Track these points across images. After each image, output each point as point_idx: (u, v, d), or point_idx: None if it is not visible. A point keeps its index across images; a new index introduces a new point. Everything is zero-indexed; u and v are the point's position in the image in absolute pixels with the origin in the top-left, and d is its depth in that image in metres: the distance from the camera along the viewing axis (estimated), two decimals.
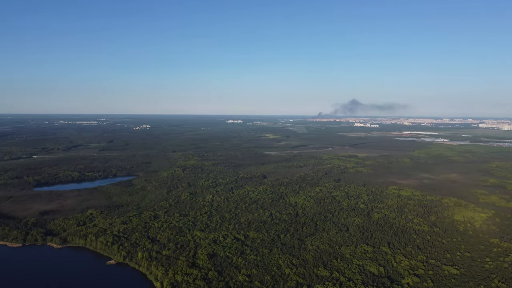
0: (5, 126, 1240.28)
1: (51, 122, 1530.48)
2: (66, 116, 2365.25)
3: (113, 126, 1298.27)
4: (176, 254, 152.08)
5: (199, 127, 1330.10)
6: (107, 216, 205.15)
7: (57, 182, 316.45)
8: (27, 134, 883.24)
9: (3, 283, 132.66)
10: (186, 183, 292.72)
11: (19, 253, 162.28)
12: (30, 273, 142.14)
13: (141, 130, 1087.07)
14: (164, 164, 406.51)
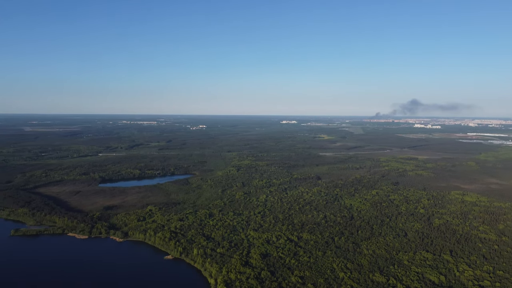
0: (75, 125, 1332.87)
1: (115, 122, 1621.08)
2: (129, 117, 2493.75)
3: (171, 126, 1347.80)
4: (230, 252, 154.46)
5: (254, 127, 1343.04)
6: (165, 213, 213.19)
7: (120, 179, 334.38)
8: (93, 133, 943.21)
9: (73, 273, 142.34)
10: (241, 183, 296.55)
11: (85, 245, 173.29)
12: (95, 264, 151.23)
13: (198, 130, 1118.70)
14: (220, 163, 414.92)
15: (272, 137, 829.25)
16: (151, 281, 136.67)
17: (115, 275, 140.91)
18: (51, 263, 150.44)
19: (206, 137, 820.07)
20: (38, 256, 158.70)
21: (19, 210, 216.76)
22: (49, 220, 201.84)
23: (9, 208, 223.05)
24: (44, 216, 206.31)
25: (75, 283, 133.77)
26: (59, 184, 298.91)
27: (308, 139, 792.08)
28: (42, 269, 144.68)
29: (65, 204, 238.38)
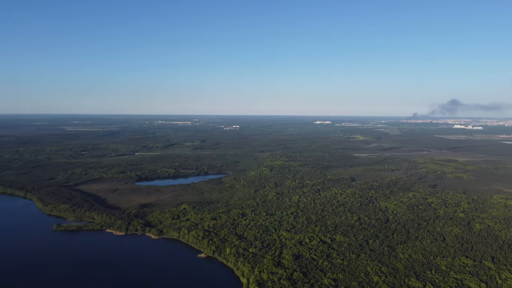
0: (113, 125, 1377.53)
1: (151, 122, 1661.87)
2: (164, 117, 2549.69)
3: (205, 127, 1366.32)
4: (262, 252, 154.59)
5: (287, 127, 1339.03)
6: (198, 212, 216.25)
7: (155, 177, 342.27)
8: (131, 133, 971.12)
9: (110, 268, 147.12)
10: (273, 183, 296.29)
11: (122, 241, 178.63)
12: (132, 260, 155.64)
13: (231, 131, 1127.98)
14: (252, 163, 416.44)
15: (306, 138, 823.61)
16: (185, 278, 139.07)
17: (150, 271, 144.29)
18: (90, 258, 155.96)
19: (240, 137, 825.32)
20: (78, 250, 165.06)
21: (61, 206, 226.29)
22: (89, 216, 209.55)
23: (52, 204, 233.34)
24: (84, 212, 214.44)
25: (112, 277, 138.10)
26: (98, 182, 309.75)
27: (342, 140, 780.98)
28: (82, 263, 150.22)
29: (104, 201, 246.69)
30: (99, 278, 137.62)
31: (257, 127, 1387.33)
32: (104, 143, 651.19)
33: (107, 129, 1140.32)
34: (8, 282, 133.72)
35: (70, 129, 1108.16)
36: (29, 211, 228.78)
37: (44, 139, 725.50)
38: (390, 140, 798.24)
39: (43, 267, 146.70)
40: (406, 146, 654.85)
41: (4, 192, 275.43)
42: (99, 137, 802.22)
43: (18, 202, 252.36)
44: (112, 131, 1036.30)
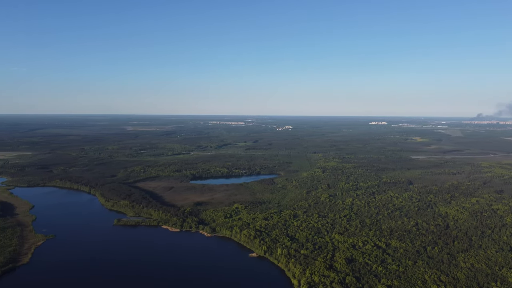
0: (170, 125, 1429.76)
1: (206, 123, 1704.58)
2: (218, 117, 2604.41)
3: (258, 127, 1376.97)
4: (314, 254, 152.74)
5: (341, 128, 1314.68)
6: (250, 211, 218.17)
7: (209, 176, 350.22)
8: (186, 133, 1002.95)
9: (165, 263, 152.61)
10: (326, 185, 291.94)
11: (177, 237, 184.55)
12: (186, 256, 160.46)
13: (284, 131, 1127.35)
14: (305, 164, 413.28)
15: (360, 139, 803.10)
16: (237, 277, 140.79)
17: (203, 268, 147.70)
18: (148, 253, 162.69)
19: (292, 138, 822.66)
20: (137, 245, 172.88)
21: (121, 202, 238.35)
22: (146, 213, 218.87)
23: (113, 199, 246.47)
24: (142, 208, 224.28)
25: (167, 272, 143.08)
26: (155, 180, 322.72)
27: (399, 141, 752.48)
28: (140, 258, 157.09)
29: (160, 198, 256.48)
30: (156, 272, 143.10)
31: (310, 127, 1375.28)
32: (161, 143, 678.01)
33: (164, 129, 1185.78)
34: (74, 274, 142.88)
35: (130, 129, 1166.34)
36: (93, 206, 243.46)
37: (107, 138, 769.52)
38: (451, 142, 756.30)
39: (105, 260, 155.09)
40: (469, 148, 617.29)
41: (71, 187, 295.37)
42: (157, 137, 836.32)
43: (84, 197, 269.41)
44: (168, 131, 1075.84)
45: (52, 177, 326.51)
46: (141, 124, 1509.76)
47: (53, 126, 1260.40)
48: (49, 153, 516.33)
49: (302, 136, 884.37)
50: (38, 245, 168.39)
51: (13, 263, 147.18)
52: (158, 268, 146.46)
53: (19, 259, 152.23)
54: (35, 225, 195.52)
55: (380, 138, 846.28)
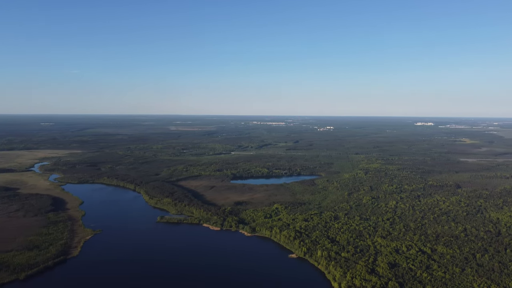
0: (211, 125, 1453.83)
1: (247, 123, 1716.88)
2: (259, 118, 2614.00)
3: (299, 127, 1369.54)
4: (355, 257, 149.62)
5: (384, 129, 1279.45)
6: (290, 212, 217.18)
7: (249, 176, 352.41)
8: (227, 133, 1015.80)
9: (206, 260, 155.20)
10: (368, 187, 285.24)
11: (218, 236, 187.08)
12: (226, 255, 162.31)
13: (325, 132, 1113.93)
14: (346, 165, 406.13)
15: (405, 140, 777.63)
16: (276, 277, 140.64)
17: (243, 268, 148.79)
18: (189, 250, 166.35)
19: (333, 139, 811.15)
20: (179, 242, 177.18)
21: (164, 200, 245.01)
22: (188, 211, 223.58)
23: (156, 197, 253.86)
24: (184, 206, 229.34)
25: (207, 270, 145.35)
26: (197, 179, 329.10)
27: (446, 143, 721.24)
28: (182, 255, 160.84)
29: (202, 197, 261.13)
30: (197, 270, 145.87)
31: (352, 128, 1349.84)
32: (203, 142, 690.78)
33: (206, 129, 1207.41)
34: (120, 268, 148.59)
35: (173, 129, 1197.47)
36: (137, 203, 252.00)
37: (151, 138, 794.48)
38: (504, 144, 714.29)
39: (148, 255, 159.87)
40: None
41: (118, 185, 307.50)
42: (199, 137, 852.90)
43: (129, 194, 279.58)
44: (210, 131, 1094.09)
45: (100, 175, 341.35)
46: (184, 124, 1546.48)
47: (102, 126, 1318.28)
48: (98, 151, 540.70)
49: (344, 137, 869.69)
50: (87, 239, 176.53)
51: (64, 255, 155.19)
52: (199, 266, 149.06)
53: (69, 251, 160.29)
54: (84, 220, 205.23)
55: (426, 139, 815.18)
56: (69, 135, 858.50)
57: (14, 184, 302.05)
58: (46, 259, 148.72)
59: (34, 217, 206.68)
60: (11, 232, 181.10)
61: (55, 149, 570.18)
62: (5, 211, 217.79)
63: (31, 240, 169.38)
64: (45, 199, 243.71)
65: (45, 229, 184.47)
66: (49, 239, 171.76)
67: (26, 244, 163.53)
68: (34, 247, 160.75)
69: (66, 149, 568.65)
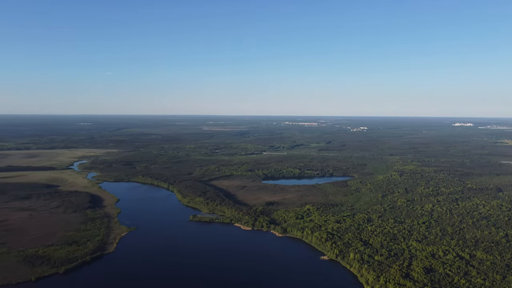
0: (243, 126, 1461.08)
1: (278, 123, 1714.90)
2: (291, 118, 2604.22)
3: (331, 128, 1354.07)
4: (389, 261, 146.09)
5: (420, 130, 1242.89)
6: (322, 213, 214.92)
7: (281, 177, 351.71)
8: (259, 133, 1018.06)
9: (237, 260, 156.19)
10: (403, 189, 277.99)
11: (249, 235, 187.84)
12: (257, 255, 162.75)
13: (359, 132, 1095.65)
14: (380, 167, 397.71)
15: (442, 141, 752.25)
16: (308, 279, 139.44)
17: (275, 268, 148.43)
18: (221, 249, 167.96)
19: (367, 139, 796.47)
20: (211, 241, 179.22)
21: (196, 199, 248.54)
22: (220, 210, 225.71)
23: (189, 196, 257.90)
24: (216, 206, 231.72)
25: (238, 270, 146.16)
26: (229, 178, 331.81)
27: (487, 145, 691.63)
28: (213, 253, 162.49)
29: (233, 197, 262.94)
30: (228, 269, 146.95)
31: (386, 128, 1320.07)
32: (235, 142, 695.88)
33: (238, 129, 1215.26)
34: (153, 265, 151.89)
35: (206, 129, 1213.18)
36: (171, 201, 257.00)
37: (184, 138, 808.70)
38: None
39: (181, 253, 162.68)
40: None
41: (152, 183, 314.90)
42: (231, 137, 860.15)
43: (162, 192, 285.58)
44: (242, 131, 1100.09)
45: (135, 173, 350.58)
46: (216, 125, 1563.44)
47: (137, 126, 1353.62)
48: (133, 151, 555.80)
49: (378, 138, 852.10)
50: (122, 235, 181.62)
51: (101, 251, 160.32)
52: (230, 266, 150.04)
53: (105, 247, 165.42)
54: (120, 217, 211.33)
55: (465, 140, 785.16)
56: (106, 135, 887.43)
57: (55, 181, 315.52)
58: (84, 254, 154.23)
59: (73, 213, 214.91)
60: (52, 227, 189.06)
61: (93, 148, 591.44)
62: (47, 207, 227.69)
63: (70, 235, 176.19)
64: (83, 196, 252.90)
65: (83, 225, 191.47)
66: (87, 235, 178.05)
67: (65, 239, 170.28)
68: (73, 242, 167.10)
69: (103, 148, 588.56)
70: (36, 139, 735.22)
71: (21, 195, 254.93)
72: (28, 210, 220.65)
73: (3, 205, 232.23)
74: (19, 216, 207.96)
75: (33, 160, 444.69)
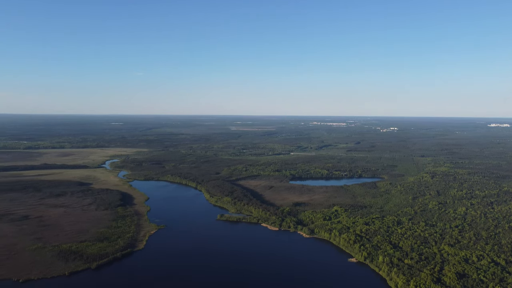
0: (271, 126, 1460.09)
1: (306, 123, 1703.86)
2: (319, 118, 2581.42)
3: (360, 128, 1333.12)
4: (419, 265, 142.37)
5: (453, 130, 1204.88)
6: (350, 215, 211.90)
7: (308, 177, 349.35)
8: (287, 133, 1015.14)
9: (264, 260, 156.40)
10: (435, 191, 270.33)
11: (276, 236, 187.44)
12: (285, 255, 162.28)
13: (389, 133, 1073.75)
14: (411, 168, 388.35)
15: (476, 142, 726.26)
16: (336, 281, 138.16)
17: (302, 269, 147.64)
18: (248, 249, 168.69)
19: (397, 140, 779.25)
20: (239, 240, 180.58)
21: (224, 199, 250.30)
22: (247, 210, 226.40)
23: (217, 196, 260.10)
24: (243, 205, 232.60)
25: (266, 270, 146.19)
26: (256, 178, 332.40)
27: None
28: (240, 253, 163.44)
29: (260, 197, 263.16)
30: (255, 269, 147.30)
31: (417, 129, 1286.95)
32: (263, 143, 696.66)
33: (265, 129, 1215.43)
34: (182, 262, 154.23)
35: (234, 129, 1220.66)
36: (198, 201, 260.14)
37: (212, 138, 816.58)
38: None
39: (208, 252, 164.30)
40: None
41: (180, 182, 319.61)
42: (258, 137, 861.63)
43: (191, 191, 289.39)
44: (270, 131, 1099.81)
45: (164, 172, 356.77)
46: (244, 125, 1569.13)
47: (166, 126, 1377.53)
48: (162, 150, 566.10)
49: (408, 138, 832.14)
50: (151, 233, 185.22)
51: (131, 247, 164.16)
52: (257, 265, 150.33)
53: (135, 244, 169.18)
54: (149, 215, 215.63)
55: (501, 142, 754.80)
56: (137, 134, 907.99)
57: (87, 179, 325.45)
58: (115, 251, 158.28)
59: (104, 210, 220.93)
60: (84, 224, 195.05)
61: (124, 148, 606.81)
62: (80, 204, 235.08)
63: (102, 232, 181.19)
64: (114, 194, 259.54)
65: (114, 222, 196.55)
66: (117, 232, 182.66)
67: (97, 236, 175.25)
68: (105, 239, 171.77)
69: (133, 148, 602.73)
70: (70, 138, 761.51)
71: (56, 192, 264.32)
72: (62, 207, 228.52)
73: (39, 201, 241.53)
74: (54, 213, 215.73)
75: (67, 159, 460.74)
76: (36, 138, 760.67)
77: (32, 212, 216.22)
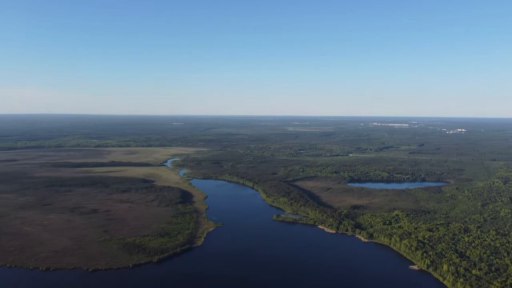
0: (329, 126, 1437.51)
1: (366, 124, 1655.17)
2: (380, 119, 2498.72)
3: (424, 129, 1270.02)
4: (488, 277, 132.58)
5: None
6: (412, 220, 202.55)
7: (368, 180, 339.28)
8: (345, 134, 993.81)
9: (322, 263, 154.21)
10: (507, 198, 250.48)
11: (333, 239, 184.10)
12: (342, 259, 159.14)
13: (455, 134, 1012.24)
14: (481, 173, 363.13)
15: None
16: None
17: (361, 274, 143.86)
18: (304, 251, 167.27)
19: (465, 142, 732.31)
20: (294, 241, 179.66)
21: (280, 199, 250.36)
22: (303, 211, 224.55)
23: (273, 196, 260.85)
24: (299, 206, 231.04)
25: (321, 273, 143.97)
26: (313, 180, 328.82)
27: None
28: (296, 255, 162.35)
29: (317, 198, 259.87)
30: (311, 272, 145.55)
31: (488, 131, 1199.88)
32: (320, 143, 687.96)
33: (323, 130, 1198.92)
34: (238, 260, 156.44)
35: (291, 129, 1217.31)
36: (255, 200, 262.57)
37: (270, 138, 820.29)
38: None
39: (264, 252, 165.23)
40: None
41: (238, 182, 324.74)
42: (316, 138, 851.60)
43: (248, 191, 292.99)
44: (328, 132, 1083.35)
45: (223, 172, 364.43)
46: (301, 125, 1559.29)
47: (224, 126, 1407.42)
48: (221, 150, 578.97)
49: (477, 141, 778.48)
50: (209, 230, 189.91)
51: (190, 244, 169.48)
52: (313, 269, 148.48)
53: (194, 241, 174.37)
54: (208, 213, 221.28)
55: None
56: (197, 134, 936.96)
57: (151, 176, 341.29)
58: (175, 246, 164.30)
59: (166, 207, 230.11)
60: (147, 219, 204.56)
61: (184, 147, 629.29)
62: (143, 200, 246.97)
63: (163, 227, 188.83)
64: (175, 192, 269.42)
65: (174, 219, 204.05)
66: (177, 228, 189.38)
67: (159, 231, 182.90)
68: (165, 234, 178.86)
69: (193, 147, 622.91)
70: (136, 137, 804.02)
71: (121, 188, 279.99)
72: (127, 202, 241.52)
73: (107, 196, 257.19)
74: (120, 208, 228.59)
75: (133, 157, 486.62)
76: (105, 137, 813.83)
77: (101, 206, 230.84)
